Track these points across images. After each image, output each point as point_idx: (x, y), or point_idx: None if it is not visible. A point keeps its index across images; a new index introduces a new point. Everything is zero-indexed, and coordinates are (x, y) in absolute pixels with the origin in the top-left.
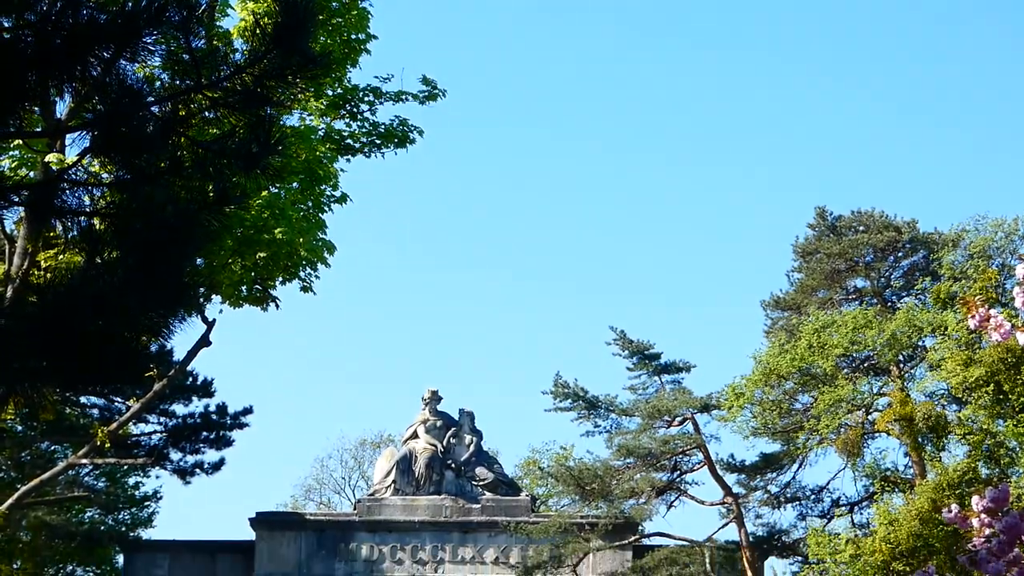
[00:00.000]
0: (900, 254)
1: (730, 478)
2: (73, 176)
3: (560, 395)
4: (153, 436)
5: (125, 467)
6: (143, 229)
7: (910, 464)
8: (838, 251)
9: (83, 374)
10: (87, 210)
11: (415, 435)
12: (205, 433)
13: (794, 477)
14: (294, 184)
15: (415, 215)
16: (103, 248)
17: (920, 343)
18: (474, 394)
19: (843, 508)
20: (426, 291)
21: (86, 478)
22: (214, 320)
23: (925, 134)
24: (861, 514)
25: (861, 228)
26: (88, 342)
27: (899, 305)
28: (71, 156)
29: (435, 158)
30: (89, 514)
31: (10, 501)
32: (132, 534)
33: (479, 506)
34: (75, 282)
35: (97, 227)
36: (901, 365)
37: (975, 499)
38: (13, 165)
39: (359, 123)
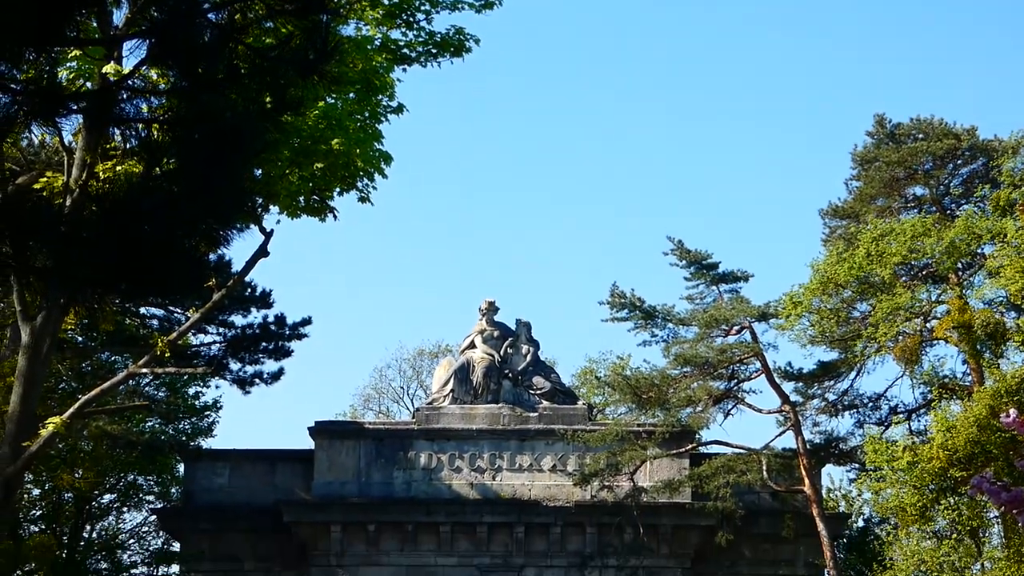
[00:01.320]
0: (959, 161)
1: (787, 386)
2: (131, 85)
3: (617, 305)
4: (212, 346)
5: (185, 377)
6: (201, 137)
7: (968, 371)
8: (897, 159)
9: (142, 283)
10: (145, 118)
11: (472, 345)
12: (264, 343)
13: (851, 385)
14: (350, 95)
15: (471, 126)
16: (161, 157)
17: (979, 251)
18: (531, 305)
19: (900, 415)
20: (483, 202)
21: (146, 388)
22: (272, 231)
23: (985, 40)
24: (919, 421)
25: (920, 135)
26: (147, 251)
27: (958, 213)
28: (128, 66)
29: (491, 68)
30: (150, 424)
31: (71, 411)
32: (192, 443)
33: (536, 414)
34: (134, 191)
35: (155, 136)
36: (960, 273)
37: None
38: (71, 76)
39: (415, 32)
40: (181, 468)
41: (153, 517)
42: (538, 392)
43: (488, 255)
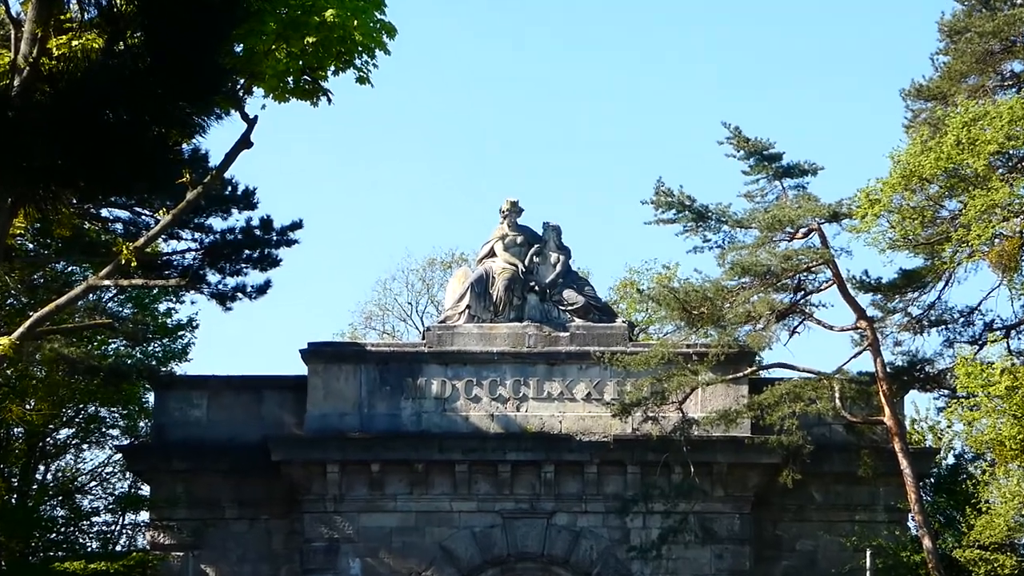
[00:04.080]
0: None
1: (863, 299)
2: None
3: (662, 205)
4: (187, 254)
5: (155, 291)
6: (171, 5)
7: None
8: (992, 29)
9: (104, 177)
10: None
11: (492, 253)
12: (247, 251)
13: (939, 297)
14: None
15: None
16: (125, 29)
17: None
18: (561, 206)
19: (998, 333)
20: (505, 85)
21: (109, 304)
22: (256, 117)
23: None
24: (1019, 339)
25: (1019, 1)
26: (109, 140)
27: None
28: None
29: None
30: (113, 346)
31: (21, 330)
32: (164, 369)
33: (567, 334)
34: (94, 69)
35: (118, 4)
36: None
37: None
38: None
39: None
40: (150, 398)
41: (118, 456)
42: (569, 308)
43: (511, 148)
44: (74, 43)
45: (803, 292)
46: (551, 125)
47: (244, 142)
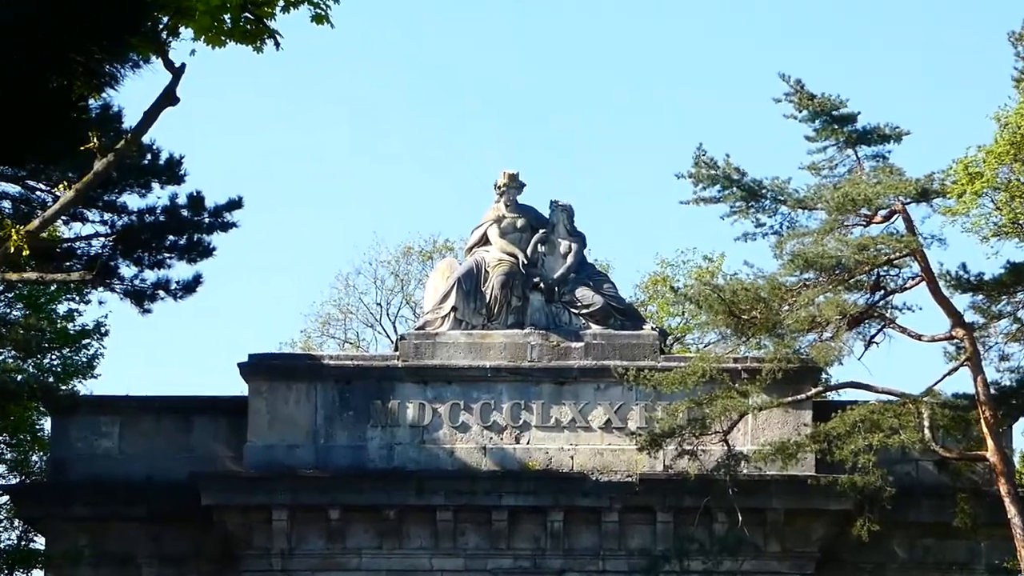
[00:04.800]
0: None
1: (961, 300)
2: None
3: (704, 179)
4: (94, 241)
5: (53, 287)
6: None
7: None
8: None
9: None
10: None
11: (485, 240)
12: (172, 237)
13: None
14: None
15: None
16: None
17: None
18: (573, 180)
19: None
20: (500, 26)
21: None
22: (183, 66)
23: None
24: None
25: None
26: None
27: None
28: None
29: None
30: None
31: None
32: (64, 388)
33: (581, 345)
34: None
35: None
36: None
37: None
38: None
39: None
40: (46, 425)
41: (5, 498)
42: (584, 311)
43: (509, 108)
44: None
45: (883, 292)
46: (560, 79)
47: (168, 97)
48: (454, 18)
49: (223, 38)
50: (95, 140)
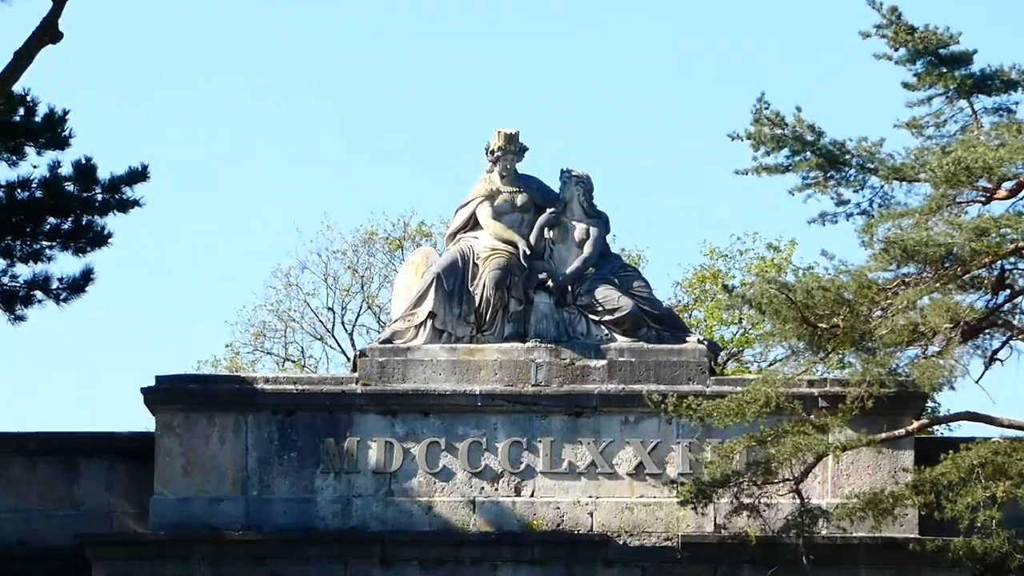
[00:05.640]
0: None
1: None
2: None
3: (767, 141)
4: None
5: None
6: None
7: None
8: None
9: None
10: None
11: (473, 223)
12: (53, 220)
13: None
14: None
15: None
16: None
17: None
18: (589, 146)
19: None
20: None
21: None
22: None
23: None
24: None
25: None
26: None
27: None
28: None
29: None
30: None
31: None
32: None
33: (603, 363)
34: None
35: None
36: None
37: None
38: None
39: None
40: None
41: None
42: (607, 318)
43: (505, 49)
44: None
45: (1008, 291)
46: (573, 14)
47: (48, 31)
48: None
49: None
50: None
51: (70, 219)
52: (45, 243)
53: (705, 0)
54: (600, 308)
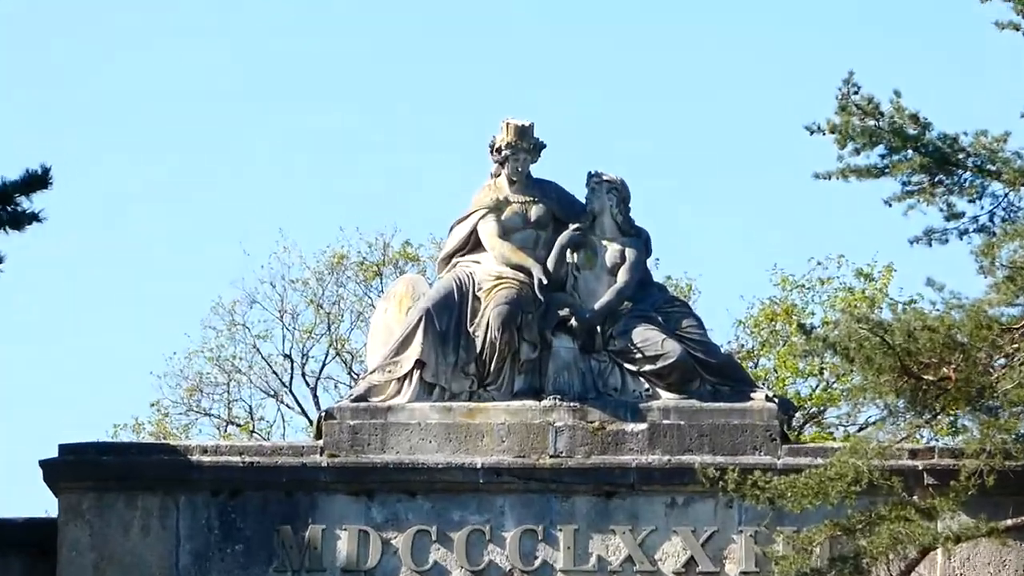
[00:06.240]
0: None
1: None
2: None
3: (857, 135)
4: None
5: None
6: None
7: None
8: None
9: None
10: None
11: (474, 243)
12: None
13: None
14: None
15: None
16: None
17: None
18: (621, 144)
19: None
20: None
21: None
22: None
23: None
24: None
25: None
26: None
27: None
28: None
29: None
30: None
31: None
32: None
33: (644, 426)
34: None
35: None
36: None
37: None
38: None
39: None
40: None
41: None
42: (649, 368)
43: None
44: None
45: None
46: None
47: None
48: None
49: None
50: None
51: None
52: None
53: None
54: (639, 355)
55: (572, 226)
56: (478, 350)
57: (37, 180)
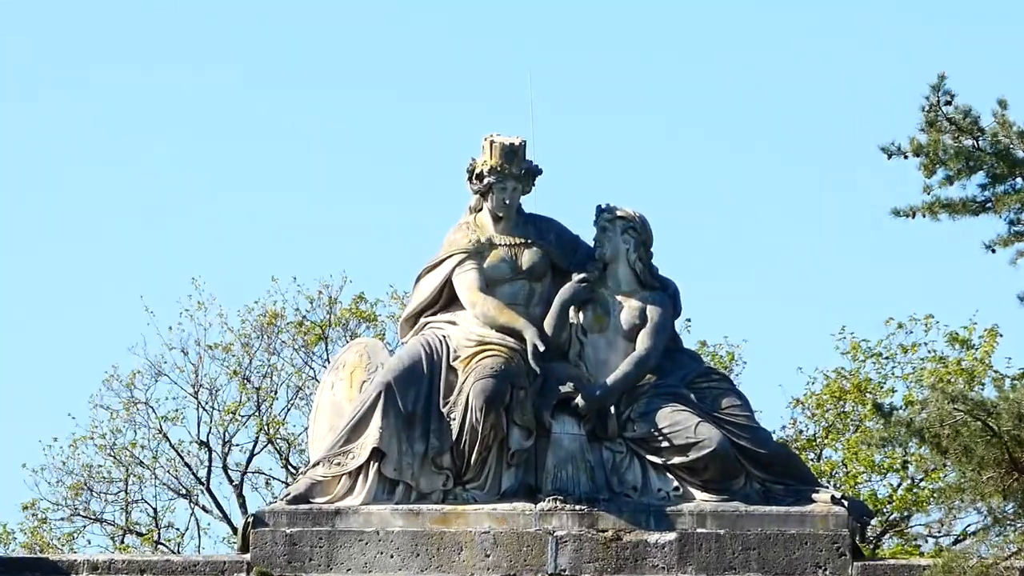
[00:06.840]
0: None
1: None
2: None
3: (949, 158)
4: None
5: None
6: None
7: None
8: None
9: None
10: None
11: (448, 298)
12: None
13: None
14: None
15: None
16: None
17: None
18: (640, 173)
19: None
20: None
21: None
22: None
23: None
24: None
25: None
26: None
27: None
28: None
29: None
30: None
31: None
32: None
33: (671, 537)
34: None
35: None
36: None
37: None
38: None
39: None
40: None
41: None
42: (678, 459)
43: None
44: None
45: None
46: None
47: None
48: None
49: None
50: None
51: None
52: None
53: None
54: (666, 444)
55: (577, 276)
56: (455, 437)
57: None
